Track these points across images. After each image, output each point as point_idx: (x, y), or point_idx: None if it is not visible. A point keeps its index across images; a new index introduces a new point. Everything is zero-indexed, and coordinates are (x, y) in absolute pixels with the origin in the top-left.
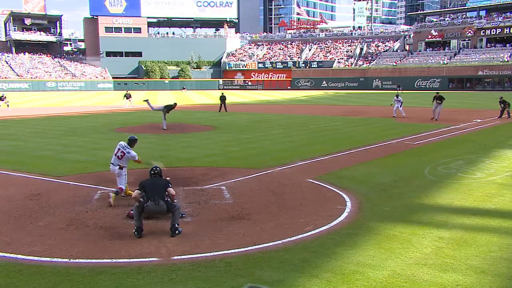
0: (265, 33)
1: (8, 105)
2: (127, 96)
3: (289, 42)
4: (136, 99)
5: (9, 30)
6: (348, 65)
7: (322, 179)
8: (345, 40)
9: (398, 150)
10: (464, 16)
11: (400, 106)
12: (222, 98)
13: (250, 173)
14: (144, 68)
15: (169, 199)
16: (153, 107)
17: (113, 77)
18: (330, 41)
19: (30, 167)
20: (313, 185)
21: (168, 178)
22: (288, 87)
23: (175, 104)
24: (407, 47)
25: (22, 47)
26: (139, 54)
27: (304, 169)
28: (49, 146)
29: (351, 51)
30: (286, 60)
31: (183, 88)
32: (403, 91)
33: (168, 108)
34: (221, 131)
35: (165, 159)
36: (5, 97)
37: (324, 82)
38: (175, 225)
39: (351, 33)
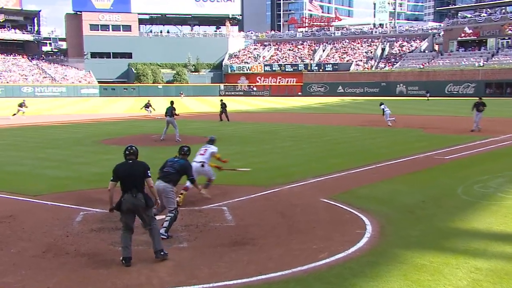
0: (272, 32)
1: (15, 114)
2: (147, 106)
3: (300, 42)
4: (125, 107)
5: None
6: (367, 68)
7: (338, 198)
8: (364, 39)
9: (426, 166)
10: (503, 11)
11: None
12: (223, 106)
13: (255, 191)
14: (135, 72)
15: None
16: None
17: (99, 82)
18: (347, 41)
19: (2, 185)
20: (328, 205)
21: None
22: (299, 93)
23: (172, 102)
24: (436, 47)
25: None
26: (128, 55)
27: (317, 187)
28: (23, 160)
29: (371, 52)
30: (297, 62)
31: (181, 94)
32: (430, 98)
33: (170, 113)
34: (222, 143)
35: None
36: (25, 104)
37: (340, 87)
38: (160, 251)
39: (371, 31)
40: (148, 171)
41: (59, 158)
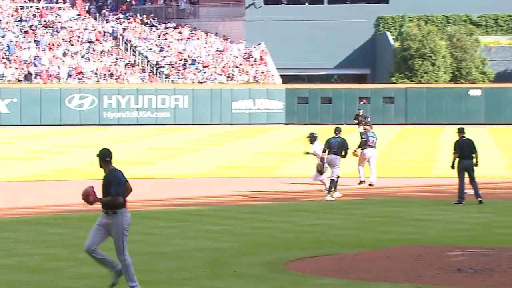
0: None
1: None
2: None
3: None
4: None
5: None
6: None
7: None
8: None
9: None
10: None
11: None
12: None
13: None
14: (395, 44)
15: None
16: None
17: (283, 79)
18: None
19: None
20: None
21: None
22: None
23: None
24: None
25: None
26: None
27: None
28: None
29: None
30: None
31: (361, 121)
32: None
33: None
34: None
35: None
36: (368, 118)
37: None
38: None
39: None
40: None
41: None
